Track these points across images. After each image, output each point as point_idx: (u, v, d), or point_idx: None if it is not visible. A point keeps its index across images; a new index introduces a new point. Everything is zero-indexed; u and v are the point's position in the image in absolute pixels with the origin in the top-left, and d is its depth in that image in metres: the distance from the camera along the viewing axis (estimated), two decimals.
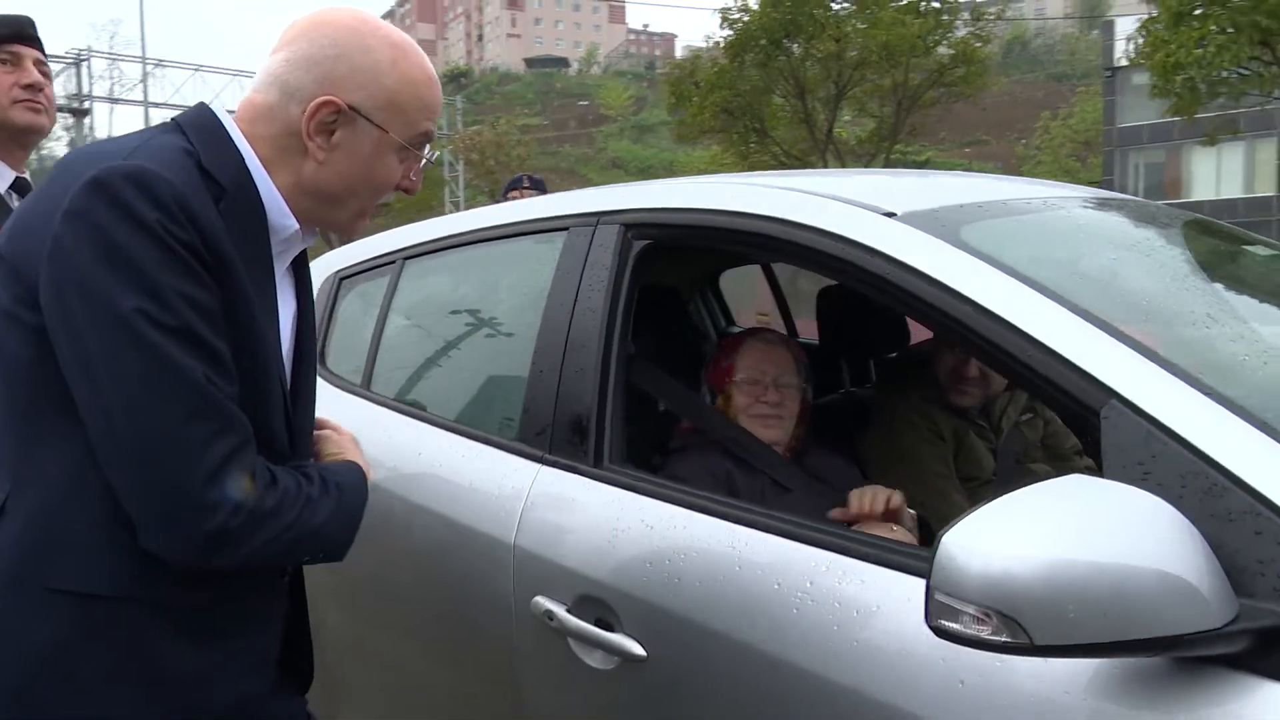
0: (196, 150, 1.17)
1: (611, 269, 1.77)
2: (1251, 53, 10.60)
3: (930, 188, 1.71)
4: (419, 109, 1.26)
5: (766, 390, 1.97)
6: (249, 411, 1.16)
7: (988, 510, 0.97)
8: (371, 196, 1.29)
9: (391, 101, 1.23)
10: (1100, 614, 0.90)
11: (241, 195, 1.18)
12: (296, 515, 1.16)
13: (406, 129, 1.25)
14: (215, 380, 1.09)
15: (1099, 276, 1.45)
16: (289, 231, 1.25)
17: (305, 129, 1.21)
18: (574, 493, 1.65)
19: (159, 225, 1.07)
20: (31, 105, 2.00)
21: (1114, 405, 1.11)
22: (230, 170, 1.18)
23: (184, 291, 1.08)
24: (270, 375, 1.21)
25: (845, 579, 1.28)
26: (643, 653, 1.44)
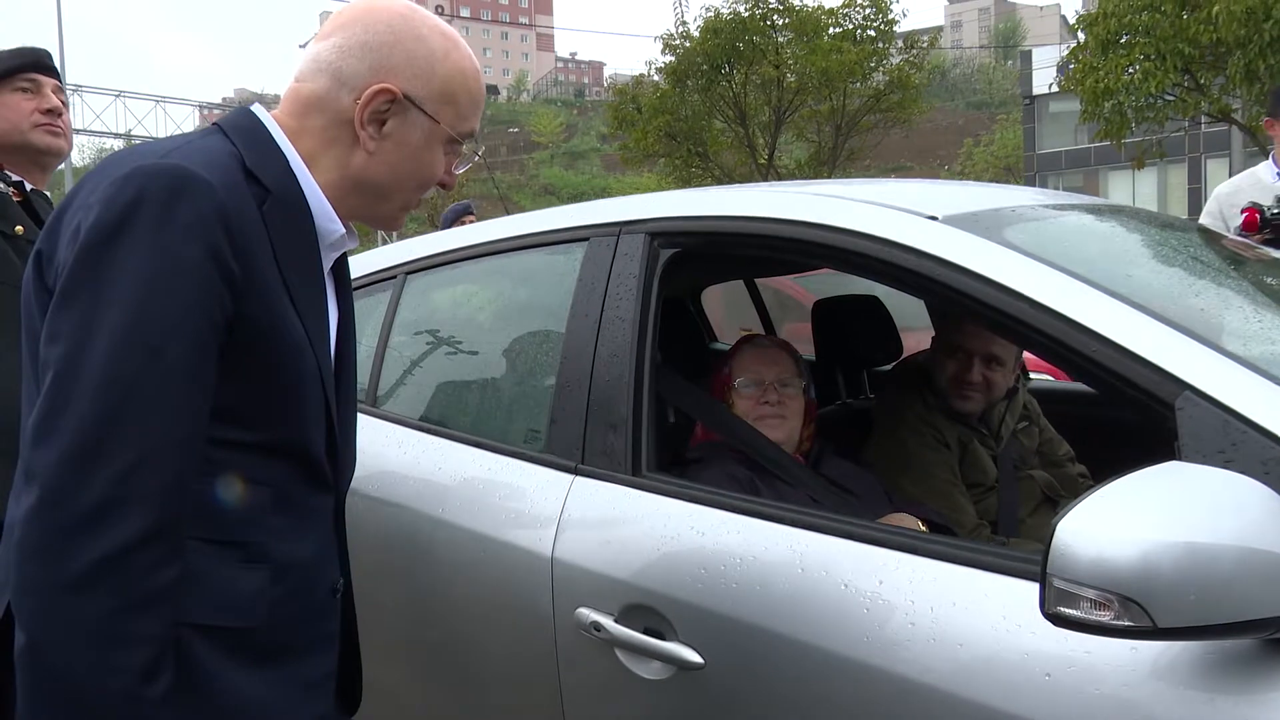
0: (241, 152, 1.13)
1: (639, 278, 1.76)
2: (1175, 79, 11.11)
3: (955, 193, 1.74)
4: (469, 102, 1.24)
5: (767, 391, 1.98)
6: (282, 426, 1.14)
7: (1098, 497, 0.98)
8: (417, 190, 1.26)
9: (444, 91, 1.20)
10: (1221, 595, 0.91)
11: (287, 198, 1.15)
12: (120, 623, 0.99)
13: (457, 121, 1.22)
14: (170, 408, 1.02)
15: (1147, 273, 1.49)
16: (335, 235, 1.22)
17: (359, 117, 1.17)
18: (614, 502, 1.63)
19: (187, 228, 1.02)
20: (51, 129, 2.08)
21: (1188, 396, 1.14)
22: (275, 172, 1.15)
23: (186, 305, 1.02)
24: (310, 388, 1.17)
25: (916, 577, 1.28)
26: (700, 660, 1.43)
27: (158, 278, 1.01)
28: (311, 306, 1.17)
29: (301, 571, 1.18)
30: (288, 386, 1.14)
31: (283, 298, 1.12)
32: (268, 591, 1.13)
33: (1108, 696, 1.09)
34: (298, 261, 1.15)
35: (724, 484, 1.83)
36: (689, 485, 1.61)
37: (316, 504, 1.21)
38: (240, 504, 1.11)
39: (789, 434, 1.97)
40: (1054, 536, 0.96)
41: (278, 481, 1.15)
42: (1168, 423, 1.15)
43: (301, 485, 1.18)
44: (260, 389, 1.11)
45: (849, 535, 1.37)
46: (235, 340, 1.07)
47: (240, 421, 1.10)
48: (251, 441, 1.12)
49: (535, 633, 1.64)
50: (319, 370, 1.17)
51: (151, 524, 0.99)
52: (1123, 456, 1.95)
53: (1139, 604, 0.91)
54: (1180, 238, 1.72)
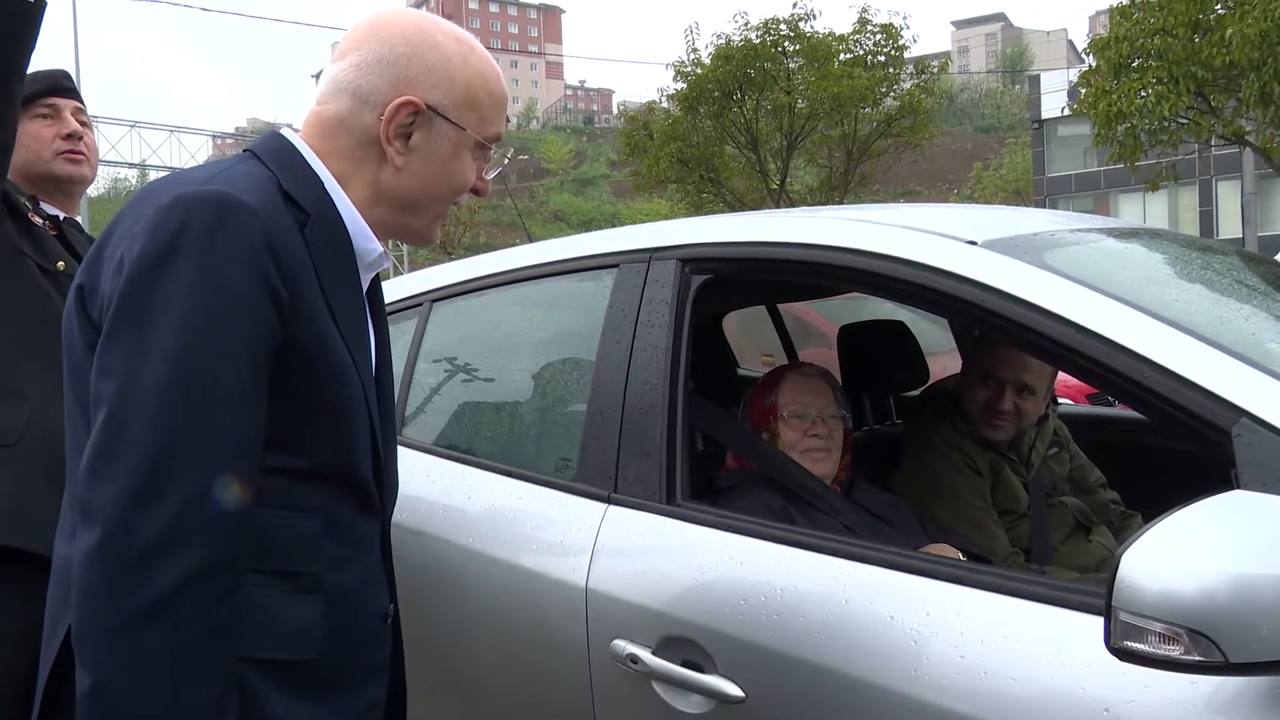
0: (276, 175, 1.13)
1: (671, 304, 1.75)
2: (1188, 102, 11.12)
3: (989, 218, 1.72)
4: (492, 105, 1.21)
5: (814, 424, 1.96)
6: (330, 450, 1.12)
7: (1163, 528, 0.96)
8: (448, 199, 1.23)
9: (466, 97, 1.18)
10: None
11: (326, 220, 1.14)
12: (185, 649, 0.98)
13: (482, 126, 1.20)
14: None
15: (1194, 297, 1.47)
16: (373, 255, 1.21)
17: (384, 133, 1.16)
18: (649, 531, 1.61)
19: (234, 255, 1.02)
20: (72, 156, 2.00)
21: (1245, 424, 1.11)
22: (312, 195, 1.14)
23: (237, 334, 1.01)
24: (356, 411, 1.15)
25: (964, 608, 1.25)
26: (741, 694, 1.40)
27: (207, 307, 1.00)
28: (354, 328, 1.16)
29: (353, 600, 1.16)
30: (337, 410, 1.12)
31: (327, 321, 1.11)
32: (322, 623, 1.11)
33: None
34: (339, 283, 1.14)
35: (758, 513, 1.81)
36: (726, 514, 1.59)
37: (365, 530, 1.19)
38: (293, 534, 1.09)
39: (832, 467, 1.94)
40: (1118, 569, 0.93)
41: (327, 508, 1.13)
42: (1223, 450, 1.13)
43: (350, 511, 1.16)
44: (310, 414, 1.10)
45: (893, 565, 1.35)
46: (285, 365, 1.06)
47: (288, 448, 1.08)
48: (301, 468, 1.10)
49: (569, 665, 1.62)
50: (364, 393, 1.16)
51: (213, 556, 0.98)
52: (1155, 482, 1.94)
53: (1209, 638, 0.88)
54: (1222, 261, 1.70)
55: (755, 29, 20.26)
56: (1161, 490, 1.39)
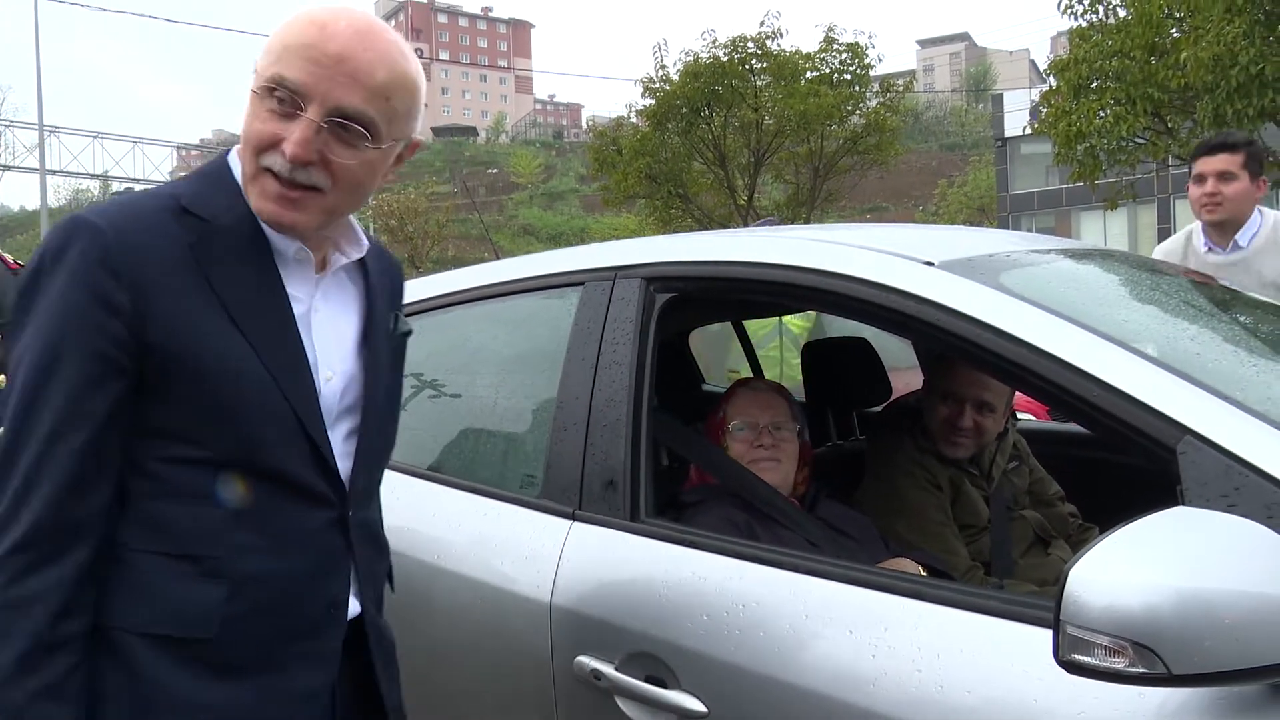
0: (182, 194, 1.19)
1: (635, 323, 1.77)
2: (1145, 123, 11.35)
3: (948, 239, 1.76)
4: (280, 48, 1.16)
5: (761, 435, 1.98)
6: (229, 442, 1.16)
7: (1108, 543, 0.98)
8: (248, 152, 1.19)
9: (266, 50, 1.18)
10: (1234, 641, 0.91)
11: (230, 225, 1.18)
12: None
13: (264, 69, 1.16)
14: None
15: (1143, 317, 1.51)
16: (292, 250, 1.22)
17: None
18: (613, 548, 1.62)
19: (70, 273, 1.11)
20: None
21: (1190, 441, 1.15)
22: (219, 204, 1.19)
23: (64, 342, 1.10)
24: (253, 405, 1.16)
25: (922, 623, 1.28)
26: (703, 709, 1.41)
27: (45, 320, 1.11)
28: (264, 324, 1.18)
29: (276, 588, 1.19)
30: (223, 404, 1.15)
31: (211, 321, 1.14)
32: (224, 605, 1.15)
33: None
34: (240, 282, 1.17)
35: (722, 528, 1.83)
36: (689, 530, 1.60)
37: (301, 522, 1.21)
38: (196, 521, 1.15)
39: (783, 477, 1.97)
40: (1066, 583, 0.96)
41: (237, 499, 1.16)
42: (1169, 467, 1.16)
43: (273, 502, 1.18)
44: (193, 408, 1.14)
45: (852, 581, 1.37)
46: (148, 365, 1.12)
47: (184, 439, 1.15)
48: (199, 458, 1.15)
49: (534, 680, 1.62)
50: (276, 386, 1.17)
51: (26, 534, 1.09)
52: (1112, 496, 1.97)
53: (1153, 650, 0.91)
54: (1172, 282, 1.75)
55: (723, 46, 20.46)
56: (1119, 503, 1.42)
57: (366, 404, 1.29)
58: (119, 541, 1.14)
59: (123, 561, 1.14)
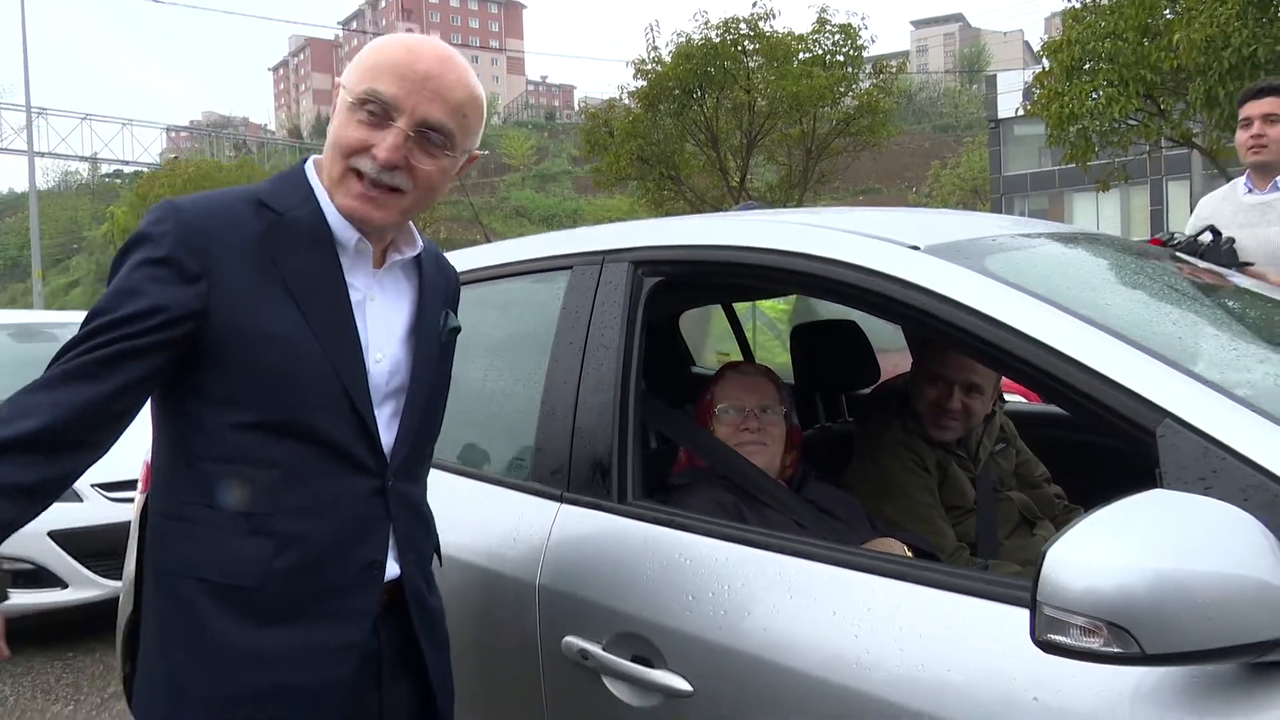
0: (261, 190, 1.36)
1: (623, 306, 1.77)
2: (1138, 104, 11.36)
3: (935, 222, 1.77)
4: (371, 64, 1.34)
5: (748, 418, 2.00)
6: (276, 408, 1.29)
7: (1085, 525, 1.00)
8: (334, 160, 1.36)
9: (354, 67, 1.36)
10: (1207, 621, 0.93)
11: (301, 218, 1.35)
12: None
13: (355, 84, 1.34)
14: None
15: (1126, 301, 1.52)
16: (353, 241, 1.37)
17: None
18: (600, 530, 1.64)
19: (156, 242, 1.27)
20: None
21: (1169, 424, 1.16)
22: (292, 201, 1.36)
23: (136, 300, 1.25)
24: (304, 376, 1.30)
25: (904, 603, 1.29)
26: (689, 688, 1.43)
27: (126, 274, 1.26)
28: (321, 305, 1.33)
29: (318, 546, 1.31)
30: (275, 371, 1.28)
31: (274, 298, 1.29)
32: (270, 560, 1.28)
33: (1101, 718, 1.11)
34: (304, 268, 1.33)
35: (710, 510, 1.84)
36: (675, 512, 1.61)
37: (345, 487, 1.34)
38: (250, 482, 1.28)
39: (770, 460, 1.99)
40: (1043, 564, 0.98)
41: (287, 463, 1.29)
42: (1149, 449, 1.17)
43: (321, 468, 1.32)
44: (246, 375, 1.28)
45: (836, 562, 1.38)
46: (210, 331, 1.27)
47: (240, 405, 1.28)
48: (253, 423, 1.28)
49: (522, 660, 1.64)
50: (326, 361, 1.31)
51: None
52: (1097, 477, 1.99)
53: (1127, 631, 0.93)
54: (1155, 266, 1.76)
55: (715, 28, 20.33)
56: (1105, 485, 1.44)
57: (412, 387, 1.42)
58: (182, 499, 1.30)
59: (184, 516, 1.31)
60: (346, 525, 1.34)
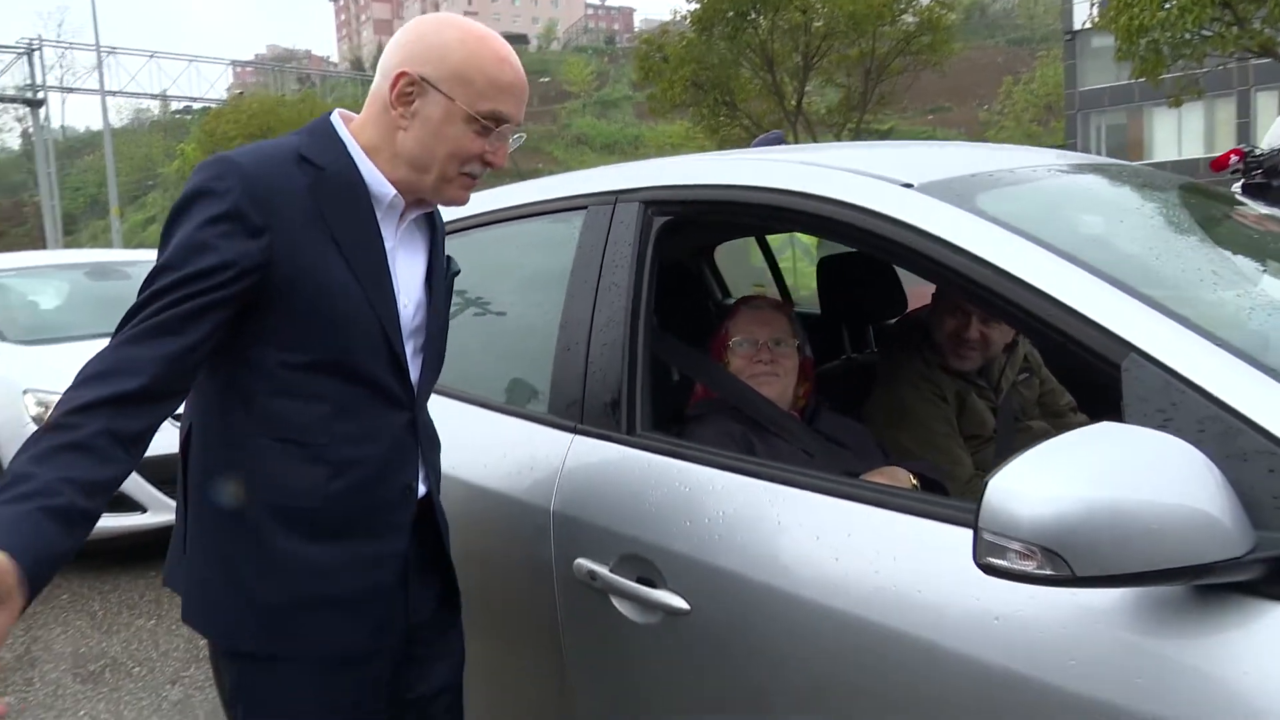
0: (301, 144, 1.45)
1: (634, 245, 1.84)
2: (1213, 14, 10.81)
3: (939, 158, 1.79)
4: (486, 84, 1.44)
5: (760, 350, 2.06)
6: (327, 349, 1.42)
7: (1030, 456, 1.05)
8: (448, 163, 1.47)
9: (458, 73, 1.43)
10: (1134, 547, 0.99)
11: (339, 173, 1.45)
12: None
13: (475, 100, 1.43)
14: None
15: (1109, 238, 1.54)
16: (389, 198, 1.48)
17: (389, 99, 1.45)
18: (610, 460, 1.73)
19: (219, 197, 1.35)
20: None
21: (1133, 358, 1.20)
22: (329, 156, 1.46)
23: (203, 255, 1.32)
24: (353, 320, 1.44)
25: (883, 530, 1.36)
26: (686, 606, 1.53)
27: (192, 229, 1.34)
28: (363, 254, 1.45)
29: (365, 471, 1.47)
30: (328, 317, 1.41)
31: (326, 247, 1.41)
32: (325, 484, 1.44)
33: (1048, 639, 1.17)
34: (348, 220, 1.44)
35: (720, 440, 1.92)
36: (678, 443, 1.70)
37: (383, 419, 1.49)
38: (306, 415, 1.43)
39: (782, 391, 2.05)
40: (985, 493, 1.04)
41: (336, 397, 1.44)
42: (1117, 383, 1.22)
43: (365, 402, 1.47)
44: (303, 320, 1.41)
45: (823, 490, 1.46)
46: (269, 278, 1.37)
47: (297, 346, 1.41)
48: (306, 362, 1.42)
49: (537, 581, 1.75)
50: (371, 305, 1.44)
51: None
52: None
53: (1059, 555, 0.99)
54: (1161, 198, 1.76)
55: None
56: None
57: (429, 326, 1.58)
58: (246, 432, 1.43)
59: (248, 448, 1.43)
60: (388, 452, 1.50)
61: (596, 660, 1.71)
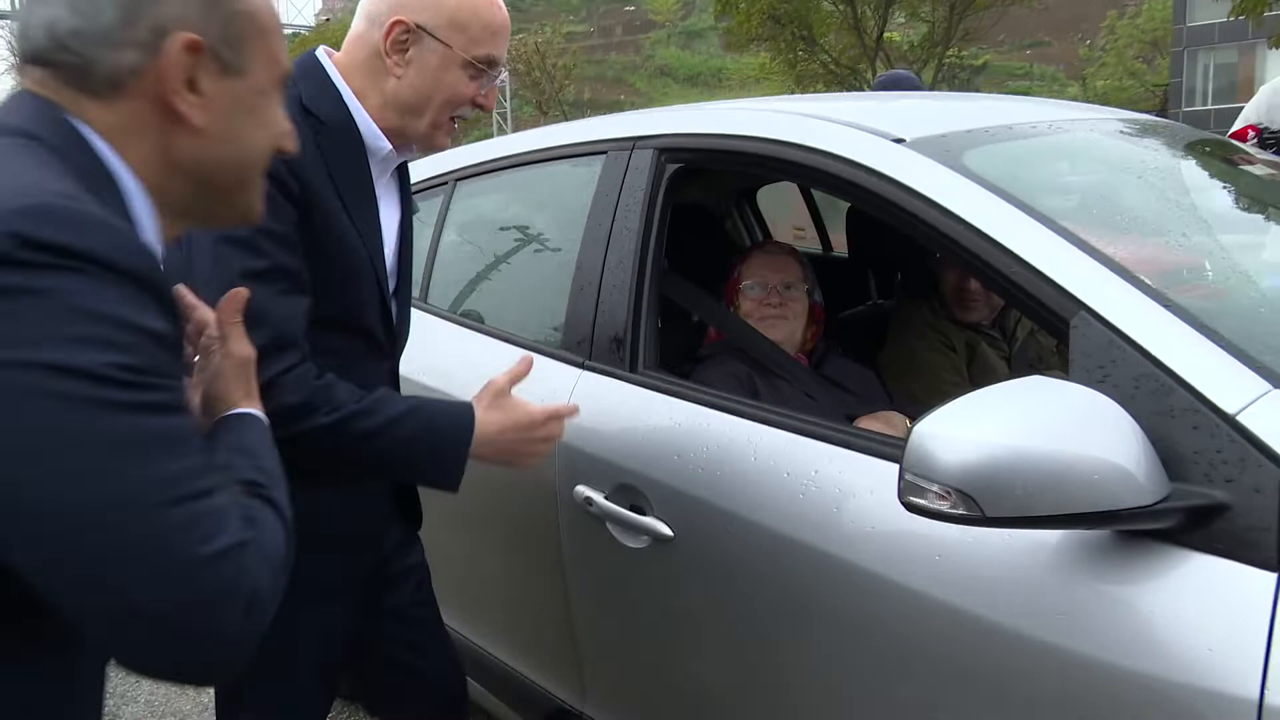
0: (301, 92, 1.43)
1: (646, 191, 1.92)
2: None
3: (944, 112, 1.82)
4: (481, 28, 1.46)
5: (770, 294, 2.13)
6: (339, 303, 1.43)
7: (955, 404, 1.13)
8: (443, 109, 1.48)
9: (453, 20, 1.45)
10: (1044, 491, 1.06)
11: (339, 125, 1.44)
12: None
13: (471, 46, 1.45)
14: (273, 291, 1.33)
15: (1085, 196, 1.58)
16: (384, 151, 1.49)
17: (383, 46, 1.45)
18: (611, 394, 1.84)
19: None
20: None
21: (1083, 316, 1.25)
22: (328, 106, 1.45)
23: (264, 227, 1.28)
24: (361, 275, 1.47)
25: (846, 468, 1.45)
26: (670, 533, 1.64)
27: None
28: (363, 210, 1.46)
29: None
30: (343, 272, 1.44)
31: (336, 205, 1.41)
32: None
33: (985, 576, 1.26)
34: (350, 176, 1.45)
35: (726, 380, 2.02)
36: (676, 382, 1.79)
37: (375, 368, 1.53)
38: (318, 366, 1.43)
39: (789, 334, 2.13)
40: (910, 437, 1.12)
41: (341, 351, 1.45)
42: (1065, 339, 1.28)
43: (362, 353, 1.50)
44: (322, 276, 1.41)
45: (796, 430, 1.54)
46: (302, 239, 1.37)
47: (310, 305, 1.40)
48: (317, 317, 1.41)
49: (543, 506, 1.88)
50: (371, 262, 1.47)
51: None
52: None
53: (971, 497, 1.07)
54: (1154, 155, 1.77)
55: None
56: None
57: (401, 274, 1.60)
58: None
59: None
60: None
61: (593, 578, 1.85)
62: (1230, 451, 1.11)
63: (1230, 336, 1.19)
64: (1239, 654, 1.05)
